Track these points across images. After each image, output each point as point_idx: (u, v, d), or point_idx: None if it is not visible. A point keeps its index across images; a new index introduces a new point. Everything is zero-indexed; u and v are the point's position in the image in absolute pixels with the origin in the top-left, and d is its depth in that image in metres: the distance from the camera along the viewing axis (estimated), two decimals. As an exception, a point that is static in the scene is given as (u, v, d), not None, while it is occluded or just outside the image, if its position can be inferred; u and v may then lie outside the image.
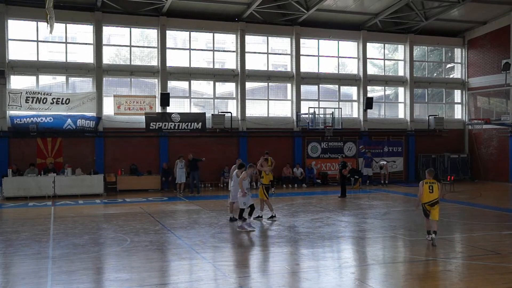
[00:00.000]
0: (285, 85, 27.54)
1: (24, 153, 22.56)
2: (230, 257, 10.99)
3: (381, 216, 16.16)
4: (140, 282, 8.69)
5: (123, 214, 16.82)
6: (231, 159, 25.50)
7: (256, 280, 8.84)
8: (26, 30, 23.29)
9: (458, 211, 17.32)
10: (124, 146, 24.15)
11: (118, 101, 23.80)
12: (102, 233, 13.53)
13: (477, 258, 10.25)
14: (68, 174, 22.04)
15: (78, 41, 24.40)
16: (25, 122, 22.38)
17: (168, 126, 24.35)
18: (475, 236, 12.85)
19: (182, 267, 9.97)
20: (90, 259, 10.47)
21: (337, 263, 10.35)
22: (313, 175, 26.64)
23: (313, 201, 20.12)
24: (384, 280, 8.93)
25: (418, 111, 30.06)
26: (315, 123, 26.18)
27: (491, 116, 27.74)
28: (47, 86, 23.67)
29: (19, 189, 20.98)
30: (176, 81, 25.59)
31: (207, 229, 13.71)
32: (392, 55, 30.60)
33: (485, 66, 29.05)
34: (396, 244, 12.30)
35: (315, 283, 8.79)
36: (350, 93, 29.06)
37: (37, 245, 11.68)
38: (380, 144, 28.41)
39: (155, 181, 24.00)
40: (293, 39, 26.87)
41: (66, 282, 8.67)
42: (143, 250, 11.14)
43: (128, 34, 24.65)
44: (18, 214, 17.22)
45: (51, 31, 18.01)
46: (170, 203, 19.77)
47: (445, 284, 8.63)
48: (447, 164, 28.95)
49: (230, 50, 26.48)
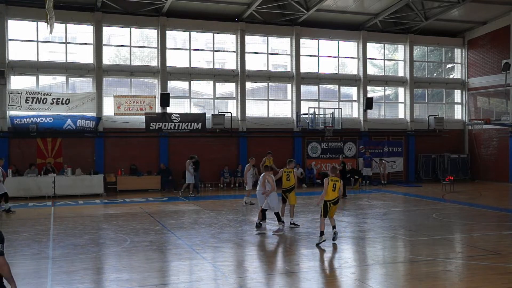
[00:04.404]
0: (285, 85, 27.54)
1: (24, 153, 22.56)
2: (230, 257, 10.99)
3: (381, 216, 16.16)
4: (140, 282, 8.68)
5: (123, 214, 16.81)
6: (231, 159, 25.59)
7: (256, 280, 8.84)
8: (26, 30, 23.29)
9: (458, 211, 17.32)
10: (124, 146, 24.15)
11: (118, 101, 23.80)
12: (102, 233, 13.53)
13: (477, 258, 10.25)
14: (68, 174, 22.04)
15: (78, 41, 24.39)
16: (25, 122, 22.38)
17: (168, 126, 24.35)
18: (475, 236, 12.84)
19: (182, 267, 9.97)
20: (90, 259, 10.47)
21: (337, 263, 10.34)
22: (313, 175, 26.64)
23: (313, 201, 20.09)
24: (384, 280, 8.93)
25: (418, 111, 30.06)
26: (315, 123, 26.19)
27: (491, 116, 27.74)
28: (47, 86, 23.68)
29: (19, 189, 20.97)
30: (176, 81, 25.59)
31: (207, 229, 13.71)
32: (392, 55, 30.61)
33: (485, 66, 29.06)
34: (396, 244, 12.30)
35: (315, 283, 8.79)
36: (350, 93, 29.06)
37: (37, 245, 11.68)
38: (380, 144, 28.41)
39: (155, 181, 23.98)
40: (293, 39, 26.88)
41: (66, 282, 8.67)
42: (143, 250, 11.14)
43: (128, 34, 24.65)
44: (18, 214, 17.21)
45: (51, 31, 18.03)
46: (170, 203, 19.76)
47: (445, 284, 8.62)
48: (447, 164, 28.96)
49: (230, 50, 26.48)
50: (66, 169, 22.24)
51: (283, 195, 14.31)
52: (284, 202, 14.35)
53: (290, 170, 14.12)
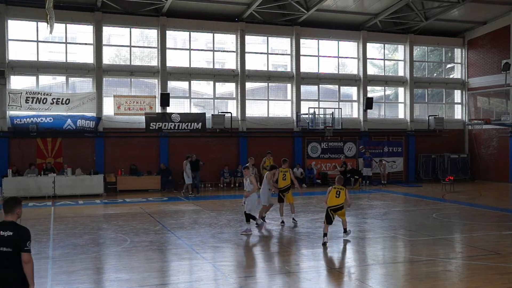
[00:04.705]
0: (285, 85, 27.54)
1: (24, 153, 22.55)
2: (230, 257, 10.99)
3: (381, 216, 16.16)
4: (140, 282, 8.69)
5: (123, 214, 16.81)
6: (231, 159, 25.59)
7: (256, 280, 8.84)
8: (26, 30, 23.29)
9: (458, 211, 17.32)
10: (124, 146, 24.14)
11: (118, 101, 23.79)
12: (102, 233, 13.54)
13: (477, 258, 10.25)
14: (68, 174, 22.04)
15: (78, 41, 24.39)
16: (25, 122, 22.37)
17: (168, 126, 24.35)
18: (475, 236, 12.85)
19: (182, 267, 9.97)
20: (90, 259, 10.47)
21: (337, 263, 10.35)
22: (313, 175, 26.64)
23: (313, 201, 20.10)
24: (384, 280, 8.93)
25: (418, 111, 30.06)
26: (315, 123, 26.17)
27: (491, 116, 27.73)
28: (47, 86, 23.67)
29: (19, 189, 20.93)
30: (176, 81, 25.59)
31: (207, 229, 13.71)
32: (392, 55, 30.61)
33: (485, 66, 29.06)
34: (396, 244, 12.30)
35: (315, 283, 8.79)
36: (350, 93, 29.06)
37: (37, 245, 11.66)
38: (380, 144, 28.40)
39: (155, 181, 23.97)
40: (293, 39, 26.87)
41: (66, 282, 8.67)
42: (143, 250, 11.14)
43: (128, 34, 24.65)
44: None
45: (51, 31, 18.03)
46: (170, 203, 19.76)
47: (445, 284, 8.63)
48: (447, 164, 28.95)
49: (230, 50, 26.48)
50: (66, 169, 22.23)
51: (280, 194, 14.36)
52: (281, 202, 14.38)
53: (286, 169, 14.37)
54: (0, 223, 5.56)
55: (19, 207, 5.67)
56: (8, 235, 5.43)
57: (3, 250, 5.40)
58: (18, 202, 5.72)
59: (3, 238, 5.42)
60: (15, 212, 5.62)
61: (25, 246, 5.45)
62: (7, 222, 5.55)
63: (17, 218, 5.62)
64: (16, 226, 5.55)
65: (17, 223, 5.61)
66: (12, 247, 5.40)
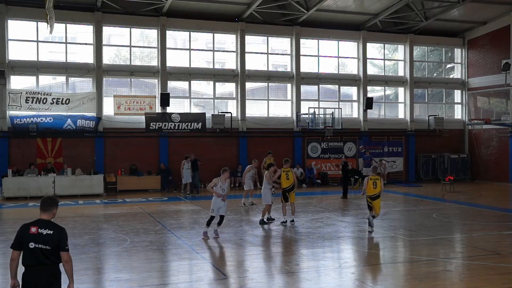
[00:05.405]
0: (285, 85, 27.54)
1: (24, 153, 22.55)
2: (230, 257, 10.99)
3: (381, 216, 16.11)
4: (140, 282, 8.69)
5: (123, 214, 16.82)
6: (231, 159, 25.56)
7: (256, 280, 8.84)
8: (26, 30, 23.28)
9: (458, 211, 17.33)
10: (124, 146, 24.14)
11: (118, 101, 23.79)
12: (102, 233, 13.54)
13: (477, 258, 10.25)
14: (68, 174, 22.04)
15: (78, 41, 24.39)
16: (25, 122, 22.37)
17: (168, 126, 24.34)
18: (475, 236, 12.85)
19: (182, 267, 9.97)
20: (90, 259, 10.47)
21: (337, 263, 10.35)
22: (313, 175, 26.64)
23: (313, 201, 20.11)
24: (384, 280, 8.93)
25: (418, 111, 30.05)
26: (315, 123, 26.16)
27: (491, 116, 27.71)
28: (47, 86, 23.67)
29: (19, 189, 20.97)
30: (176, 81, 25.59)
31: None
32: (392, 55, 30.61)
33: (485, 66, 29.05)
34: (396, 244, 12.31)
35: (315, 283, 8.79)
36: (350, 93, 29.06)
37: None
38: (380, 144, 28.40)
39: (155, 181, 23.97)
40: (293, 39, 26.87)
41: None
42: (143, 250, 11.14)
43: (128, 34, 24.64)
44: (18, 214, 17.23)
45: (51, 31, 18.03)
46: (170, 203, 19.76)
47: (445, 284, 8.63)
48: (447, 164, 28.95)
49: (230, 50, 26.48)
50: (66, 169, 22.22)
51: (284, 194, 14.40)
52: (286, 201, 14.40)
53: (288, 169, 14.52)
54: (38, 221, 5.58)
55: (56, 207, 5.73)
56: (48, 234, 5.47)
57: (42, 247, 5.44)
58: (56, 202, 5.79)
59: (42, 236, 5.46)
60: (52, 212, 5.67)
61: (65, 245, 5.53)
62: (45, 220, 5.59)
63: (52, 217, 5.67)
64: (55, 225, 5.60)
65: (55, 222, 5.65)
66: (52, 245, 5.45)
